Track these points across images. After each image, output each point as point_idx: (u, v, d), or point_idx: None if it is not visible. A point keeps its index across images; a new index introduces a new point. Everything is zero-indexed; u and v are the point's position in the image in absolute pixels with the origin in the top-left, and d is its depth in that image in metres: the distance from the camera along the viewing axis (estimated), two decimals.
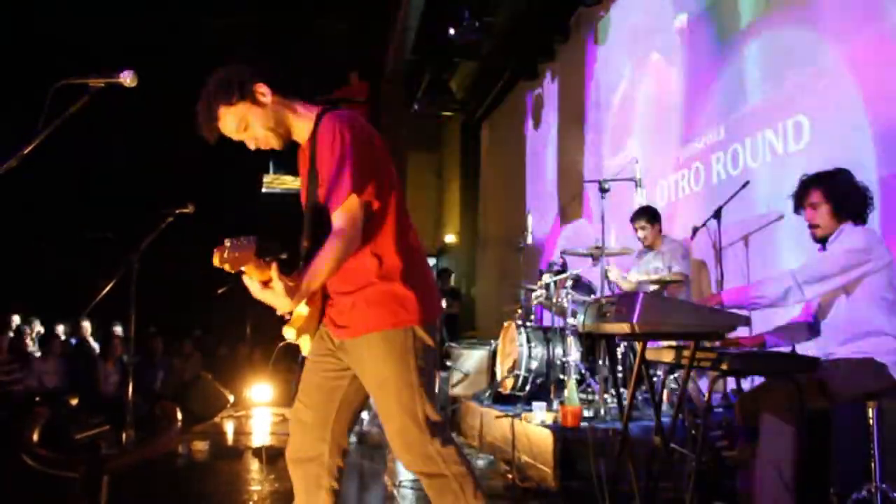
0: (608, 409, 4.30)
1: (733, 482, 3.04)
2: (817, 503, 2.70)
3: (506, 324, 5.53)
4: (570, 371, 4.68)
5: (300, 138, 2.12)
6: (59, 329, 9.28)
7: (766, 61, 4.77)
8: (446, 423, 2.09)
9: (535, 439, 4.04)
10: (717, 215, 4.20)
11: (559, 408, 4.15)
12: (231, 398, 7.71)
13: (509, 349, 5.34)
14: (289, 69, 2.14)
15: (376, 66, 11.35)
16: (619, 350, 4.64)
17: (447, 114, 12.17)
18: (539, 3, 8.16)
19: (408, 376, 1.99)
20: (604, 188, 4.58)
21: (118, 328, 9.21)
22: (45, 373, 7.55)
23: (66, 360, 7.83)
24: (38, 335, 9.42)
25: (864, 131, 3.88)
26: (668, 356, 2.78)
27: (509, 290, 7.29)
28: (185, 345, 9.39)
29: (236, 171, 11.72)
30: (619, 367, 4.63)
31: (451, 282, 10.22)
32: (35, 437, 4.19)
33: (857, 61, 3.97)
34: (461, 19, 8.28)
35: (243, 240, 1.78)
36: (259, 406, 7.92)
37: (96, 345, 9.03)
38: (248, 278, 1.82)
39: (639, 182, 4.71)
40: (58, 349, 7.93)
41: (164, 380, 8.39)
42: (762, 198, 4.64)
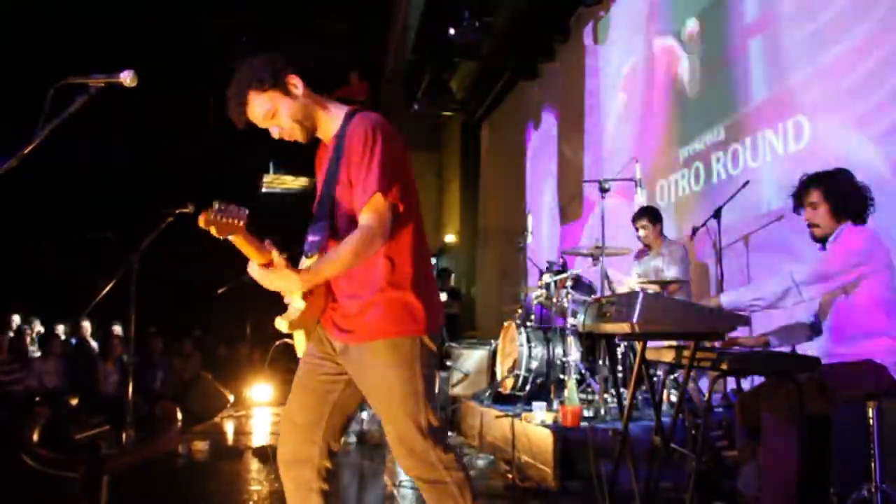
0: (608, 409, 4.30)
1: (733, 482, 3.04)
2: (817, 503, 2.70)
3: (506, 324, 5.53)
4: (570, 371, 4.68)
5: (324, 135, 2.12)
6: (59, 329, 9.29)
7: (766, 61, 4.77)
8: (446, 430, 2.09)
9: (535, 439, 4.04)
10: (717, 215, 4.20)
11: (559, 408, 4.15)
12: (231, 398, 7.72)
13: (509, 349, 5.34)
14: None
15: (376, 66, 11.35)
16: (619, 350, 4.63)
17: (447, 114, 12.17)
18: (539, 3, 8.16)
19: (413, 384, 1.99)
20: (604, 188, 4.58)
21: (118, 328, 9.22)
22: (45, 373, 7.55)
23: (66, 360, 7.83)
24: (38, 335, 9.43)
25: (864, 131, 3.88)
26: (668, 356, 2.78)
27: (509, 290, 7.30)
28: (185, 345, 9.39)
29: (236, 171, 11.74)
30: (619, 367, 4.63)
31: (451, 282, 10.21)
32: (35, 437, 4.20)
33: (858, 61, 3.97)
34: (461, 19, 8.28)
35: (234, 207, 1.77)
36: (259, 406, 7.92)
37: (96, 345, 9.03)
38: (253, 268, 1.83)
39: (639, 182, 4.71)
40: (58, 349, 7.93)
41: (163, 380, 8.39)
42: (762, 198, 4.64)
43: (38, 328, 9.77)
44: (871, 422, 2.57)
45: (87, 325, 9.33)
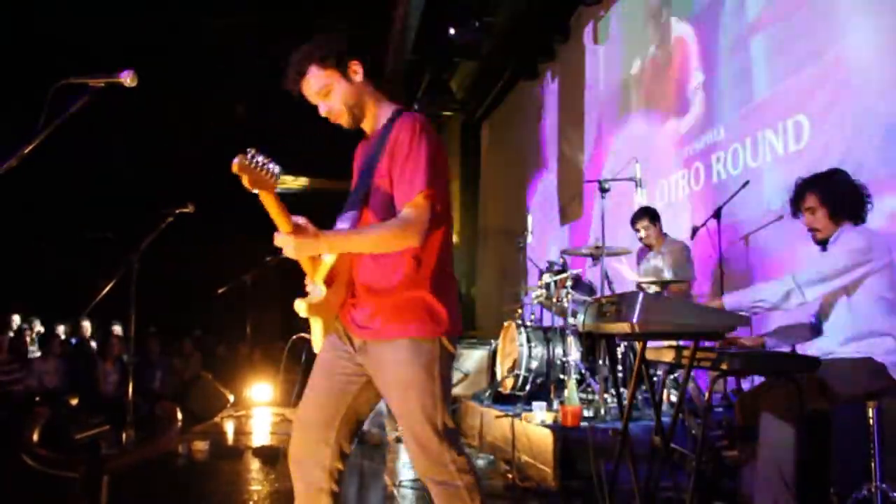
0: (608, 409, 4.30)
1: (733, 482, 3.04)
2: (817, 503, 2.70)
3: (506, 324, 5.53)
4: (570, 371, 4.68)
5: (369, 127, 2.14)
6: (59, 329, 9.29)
7: (767, 61, 4.77)
8: (459, 433, 2.09)
9: (535, 439, 4.04)
10: (717, 215, 4.20)
11: (559, 408, 4.15)
12: (231, 398, 7.72)
13: (509, 349, 5.34)
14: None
15: (376, 66, 11.31)
16: (619, 350, 4.63)
17: (447, 114, 12.16)
18: (539, 3, 8.16)
19: (431, 385, 1.99)
20: (604, 188, 4.58)
21: (118, 328, 9.23)
22: (45, 373, 7.55)
23: (66, 360, 7.84)
24: (38, 335, 9.44)
25: (865, 131, 3.88)
26: (668, 356, 2.78)
27: (509, 290, 7.29)
28: (185, 345, 9.39)
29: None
30: (619, 367, 4.63)
31: None
32: (35, 437, 4.20)
33: (858, 61, 3.97)
34: (461, 19, 8.27)
35: (272, 165, 1.74)
36: (259, 406, 7.92)
37: (96, 345, 9.04)
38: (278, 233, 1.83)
39: (639, 182, 4.71)
40: (58, 349, 7.93)
41: (162, 379, 8.39)
42: (762, 198, 4.64)
43: (38, 328, 9.79)
44: (871, 421, 2.57)
45: (87, 325, 9.34)
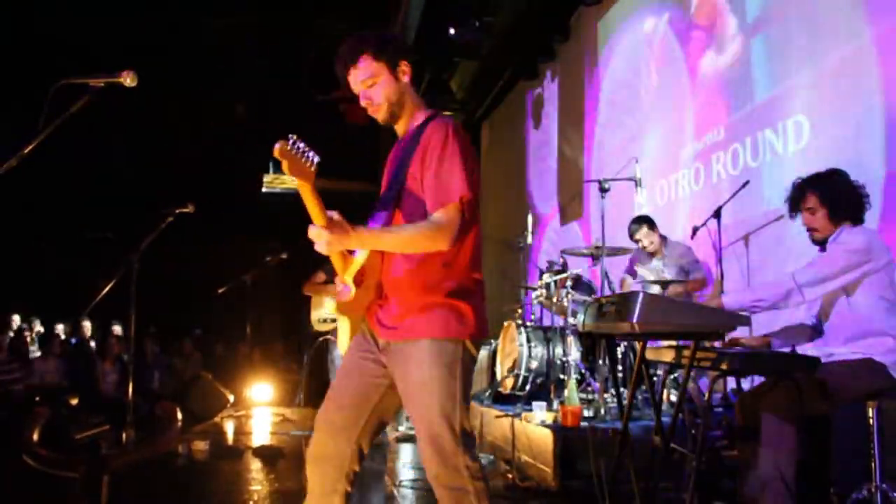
0: (608, 409, 4.30)
1: (733, 482, 3.04)
2: (817, 503, 2.70)
3: (506, 324, 5.53)
4: (570, 371, 4.68)
5: (402, 128, 2.17)
6: (59, 329, 9.29)
7: (767, 61, 4.77)
8: (475, 439, 2.08)
9: (535, 439, 4.04)
10: (717, 215, 4.20)
11: (559, 408, 4.15)
12: (231, 398, 7.71)
13: (509, 349, 5.34)
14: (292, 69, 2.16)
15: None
16: (619, 350, 4.63)
17: (447, 114, 12.14)
18: (539, 3, 8.15)
19: (452, 386, 1.99)
20: (604, 188, 4.58)
21: (118, 328, 9.23)
22: (45, 373, 7.55)
23: (66, 360, 7.84)
24: (38, 335, 9.44)
25: (864, 131, 3.88)
26: (668, 356, 2.78)
27: (509, 290, 7.29)
28: (185, 344, 9.40)
29: (236, 171, 11.73)
30: (619, 367, 4.63)
31: None
32: (35, 437, 4.20)
33: (858, 61, 3.97)
34: (461, 19, 8.27)
35: (311, 154, 1.75)
36: (259, 406, 7.91)
37: (95, 345, 9.04)
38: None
39: (639, 182, 4.71)
40: (58, 349, 7.93)
41: (160, 380, 8.40)
42: (762, 198, 4.64)
43: (38, 328, 9.79)
44: (871, 421, 2.57)
45: (87, 325, 9.34)
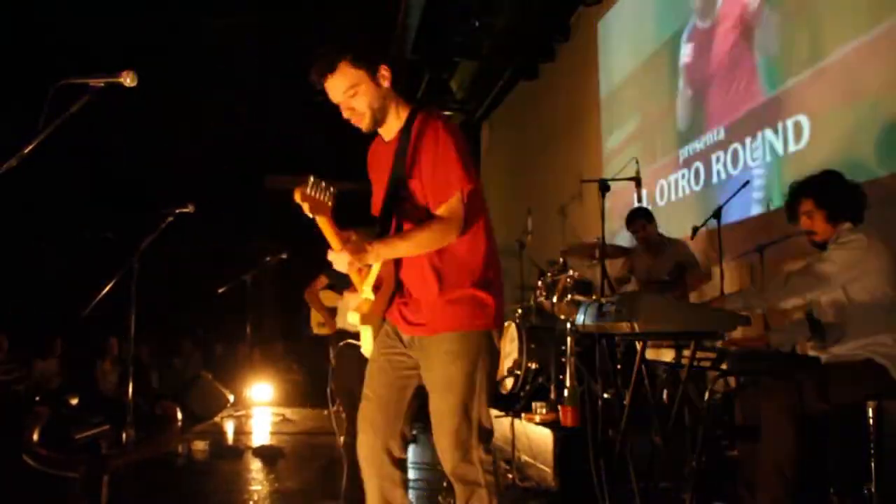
0: (608, 409, 4.29)
1: (733, 482, 3.04)
2: (817, 503, 2.70)
3: (505, 324, 5.52)
4: (570, 371, 4.67)
5: (387, 131, 2.13)
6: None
7: (767, 61, 4.77)
8: (493, 433, 2.12)
9: (535, 439, 4.04)
10: (717, 215, 4.20)
11: (559, 408, 4.15)
12: (231, 398, 7.71)
13: (509, 349, 5.34)
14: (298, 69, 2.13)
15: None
16: (619, 350, 4.63)
17: (447, 114, 12.15)
18: (539, 3, 8.15)
19: (475, 378, 2.02)
20: (604, 187, 4.58)
21: (117, 328, 9.21)
22: (45, 373, 7.54)
23: (65, 360, 7.83)
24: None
25: (864, 131, 3.88)
26: (668, 356, 2.78)
27: (509, 290, 7.29)
28: (185, 344, 9.39)
29: (236, 171, 11.72)
30: (619, 367, 4.63)
31: None
32: (35, 437, 4.20)
33: (858, 61, 3.97)
34: (461, 19, 8.27)
35: (325, 185, 1.78)
36: (259, 406, 7.91)
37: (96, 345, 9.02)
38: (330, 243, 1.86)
39: (639, 182, 4.71)
40: (58, 349, 7.92)
41: (158, 380, 8.40)
42: (762, 198, 4.64)
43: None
44: (870, 422, 2.57)
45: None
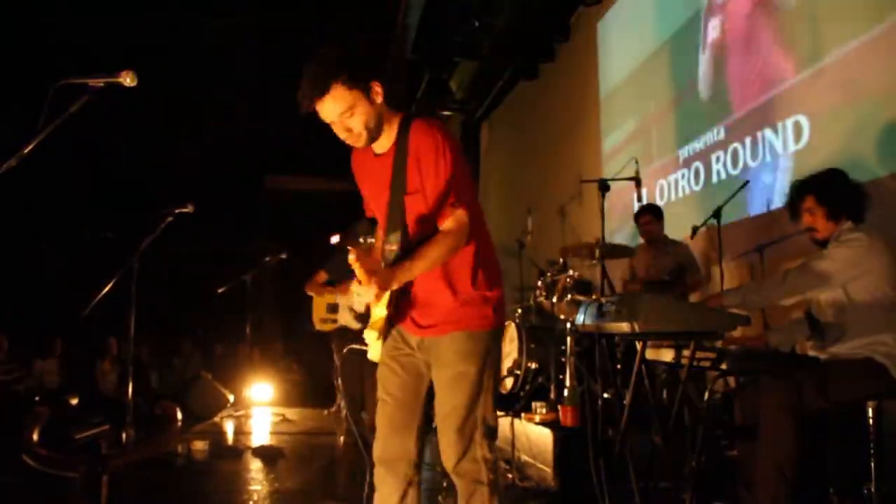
0: (608, 409, 4.29)
1: (733, 482, 3.04)
2: (817, 503, 2.70)
3: (505, 324, 5.51)
4: (570, 371, 4.67)
5: (379, 146, 2.10)
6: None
7: (767, 61, 4.77)
8: (496, 432, 2.13)
9: (535, 439, 4.04)
10: (717, 215, 4.21)
11: (559, 408, 4.15)
12: (231, 398, 7.71)
13: (509, 349, 5.33)
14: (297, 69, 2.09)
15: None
16: (619, 350, 4.62)
17: (447, 114, 12.15)
18: (539, 3, 8.15)
19: (483, 376, 2.05)
20: (604, 187, 4.58)
21: (117, 328, 9.21)
22: (46, 373, 7.54)
23: (66, 360, 7.83)
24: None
25: (864, 131, 3.88)
26: (668, 356, 2.78)
27: (509, 290, 7.28)
28: (185, 344, 9.39)
29: (236, 171, 11.72)
30: (619, 367, 4.63)
31: None
32: (35, 437, 4.20)
33: (858, 61, 3.97)
34: (461, 19, 8.27)
35: (369, 239, 1.83)
36: (259, 406, 7.91)
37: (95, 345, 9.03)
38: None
39: (639, 181, 4.71)
40: (58, 349, 7.93)
41: (158, 380, 8.40)
42: (762, 198, 4.64)
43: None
44: (870, 421, 2.57)
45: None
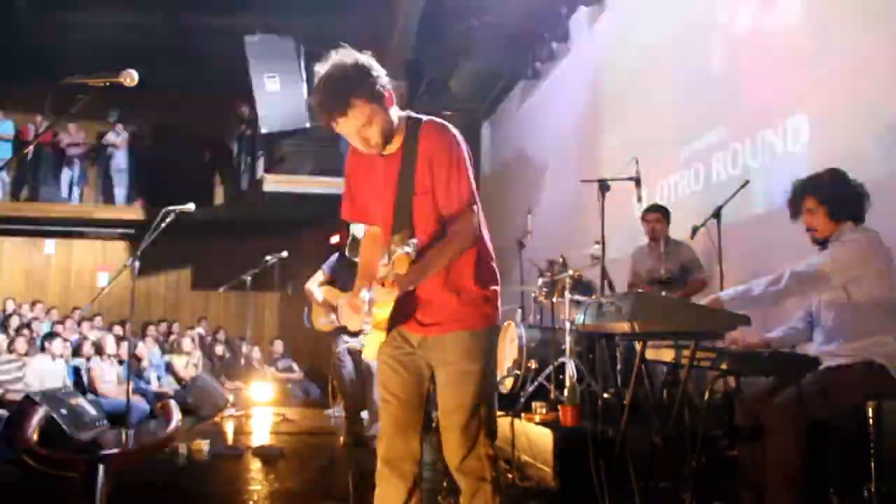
0: (608, 409, 4.29)
1: (733, 482, 3.04)
2: (817, 503, 2.69)
3: (506, 324, 5.52)
4: (570, 371, 4.67)
5: (388, 148, 2.09)
6: (60, 328, 9.27)
7: (767, 61, 4.76)
8: (497, 430, 2.14)
9: (535, 439, 4.04)
10: (717, 215, 4.20)
11: (559, 408, 4.15)
12: (231, 398, 7.71)
13: (509, 349, 5.34)
14: None
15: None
16: (619, 350, 4.63)
17: (447, 114, 12.14)
18: (539, 3, 8.15)
19: (488, 374, 2.08)
20: (604, 187, 4.58)
21: (118, 328, 9.22)
22: (46, 373, 7.53)
23: (66, 359, 7.82)
24: (38, 335, 9.42)
25: (865, 131, 3.88)
26: (668, 356, 2.78)
27: (509, 290, 7.29)
28: (185, 344, 9.38)
29: (236, 171, 11.73)
30: (619, 367, 4.63)
31: None
32: (35, 437, 4.19)
33: (858, 61, 3.97)
34: (461, 19, 8.27)
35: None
36: (259, 406, 7.91)
37: (96, 344, 9.02)
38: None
39: (639, 182, 4.71)
40: (58, 349, 7.91)
41: (160, 380, 8.40)
42: (762, 198, 4.64)
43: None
44: (870, 422, 2.57)
45: (87, 325, 9.33)
